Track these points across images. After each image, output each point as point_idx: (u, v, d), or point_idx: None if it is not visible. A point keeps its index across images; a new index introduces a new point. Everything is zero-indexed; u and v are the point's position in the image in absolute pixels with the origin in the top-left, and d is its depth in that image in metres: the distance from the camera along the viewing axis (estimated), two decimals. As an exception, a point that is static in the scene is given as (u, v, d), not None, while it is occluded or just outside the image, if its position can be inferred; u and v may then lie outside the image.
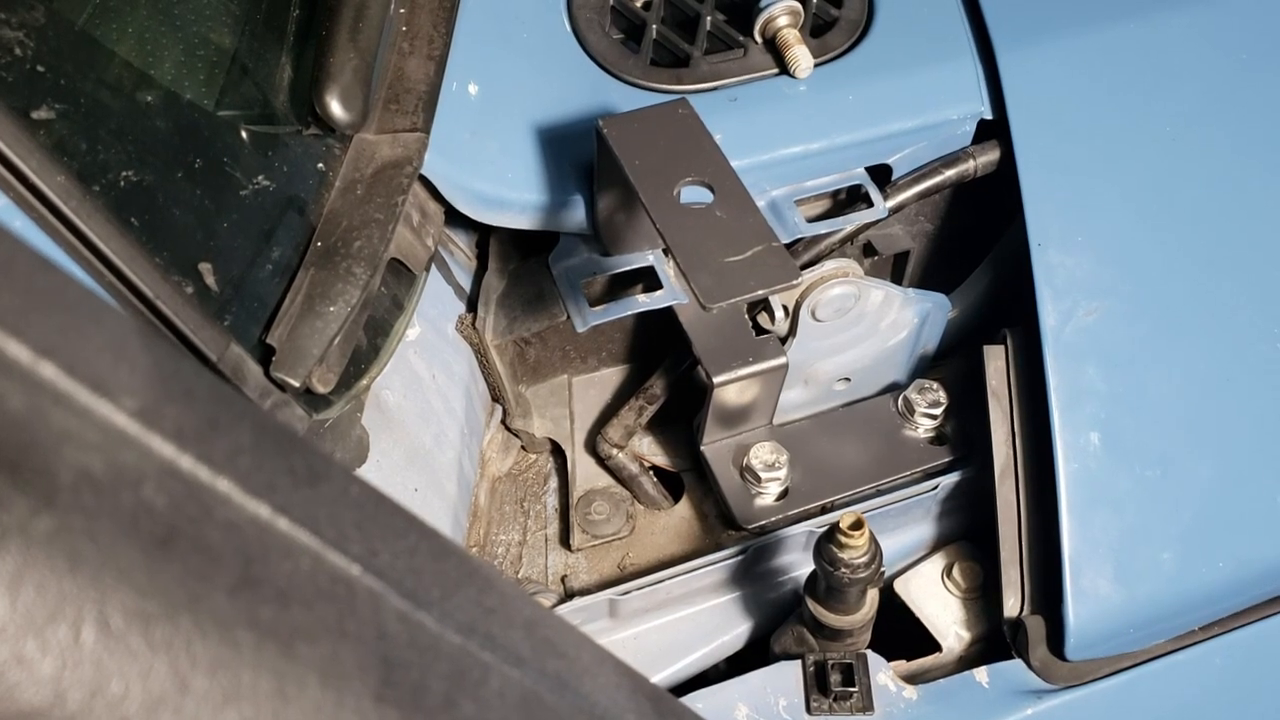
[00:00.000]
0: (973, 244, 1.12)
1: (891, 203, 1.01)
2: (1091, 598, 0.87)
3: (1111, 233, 0.97)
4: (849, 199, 1.04)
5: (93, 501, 0.24)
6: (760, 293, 0.78)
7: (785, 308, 1.01)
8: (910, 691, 0.88)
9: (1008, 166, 1.01)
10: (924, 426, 1.04)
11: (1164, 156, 1.01)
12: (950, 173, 1.02)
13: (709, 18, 1.04)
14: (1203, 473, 0.90)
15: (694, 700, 0.87)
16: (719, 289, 0.77)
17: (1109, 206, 0.98)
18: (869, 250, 1.09)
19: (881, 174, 1.03)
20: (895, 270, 1.13)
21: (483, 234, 1.07)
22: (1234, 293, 0.96)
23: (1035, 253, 0.95)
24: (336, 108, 0.80)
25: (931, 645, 0.95)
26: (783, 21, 1.01)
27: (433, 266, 0.96)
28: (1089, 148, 1.00)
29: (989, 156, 1.02)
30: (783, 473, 0.99)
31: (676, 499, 1.07)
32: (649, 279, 0.98)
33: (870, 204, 1.00)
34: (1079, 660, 0.89)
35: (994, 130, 1.03)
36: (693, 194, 0.83)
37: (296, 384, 0.71)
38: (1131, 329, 0.94)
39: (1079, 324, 0.94)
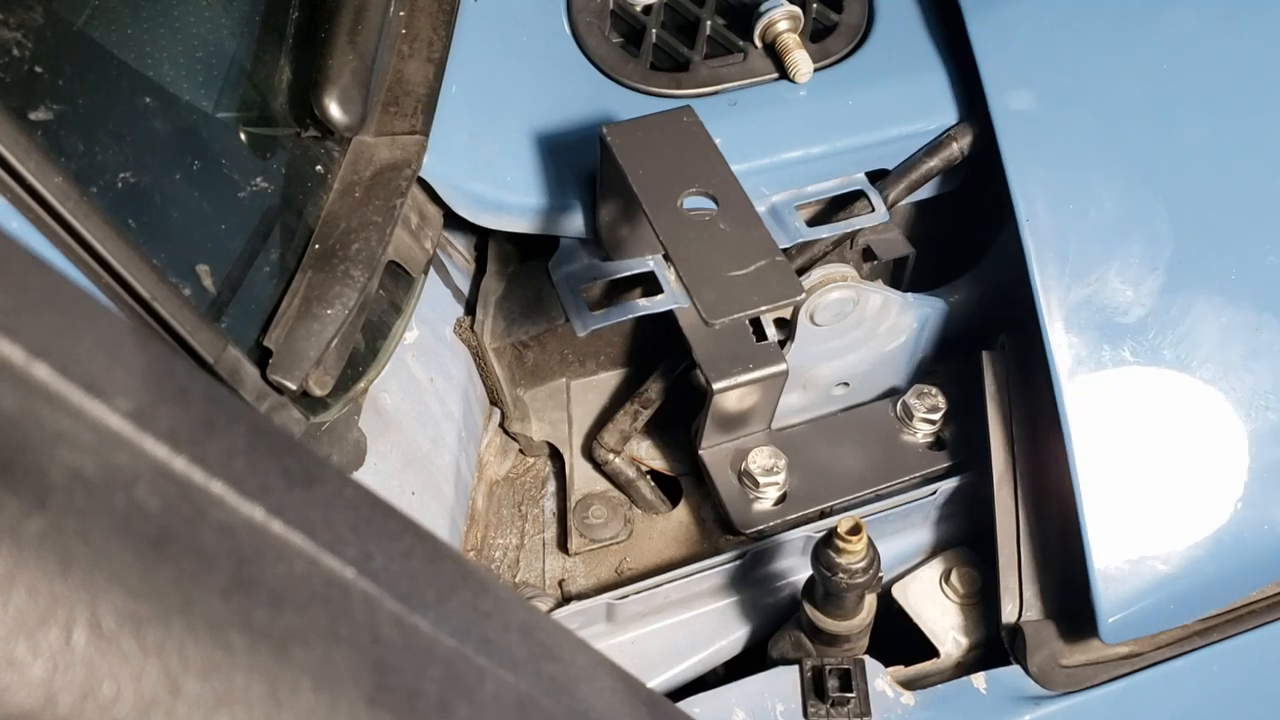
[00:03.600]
0: (974, 248, 1.11)
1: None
2: (1122, 577, 0.84)
3: (1107, 193, 0.92)
4: (847, 202, 1.04)
5: (85, 502, 0.24)
6: (764, 308, 0.77)
7: (777, 320, 1.00)
8: (908, 697, 0.87)
9: (993, 143, 0.96)
10: (922, 432, 1.04)
11: (1161, 98, 0.94)
12: (935, 161, 1.00)
13: (709, 22, 1.04)
14: (1244, 429, 0.86)
15: (691, 705, 0.87)
16: (722, 304, 0.76)
17: (1103, 164, 0.92)
18: (868, 255, 1.09)
19: (882, 179, 1.03)
20: (894, 275, 1.13)
21: (481, 237, 1.07)
22: (1258, 237, 0.90)
23: (1025, 228, 0.91)
24: (335, 110, 0.80)
25: (929, 651, 0.95)
26: (783, 26, 1.01)
27: (431, 269, 0.95)
28: (1077, 105, 0.95)
29: (970, 135, 1.00)
30: (781, 477, 0.99)
31: (674, 503, 1.07)
32: (649, 283, 0.98)
33: (871, 208, 1.00)
34: (1118, 642, 0.86)
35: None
36: (696, 204, 0.83)
37: (293, 386, 0.71)
38: (1138, 291, 0.89)
39: (1079, 296, 0.89)
